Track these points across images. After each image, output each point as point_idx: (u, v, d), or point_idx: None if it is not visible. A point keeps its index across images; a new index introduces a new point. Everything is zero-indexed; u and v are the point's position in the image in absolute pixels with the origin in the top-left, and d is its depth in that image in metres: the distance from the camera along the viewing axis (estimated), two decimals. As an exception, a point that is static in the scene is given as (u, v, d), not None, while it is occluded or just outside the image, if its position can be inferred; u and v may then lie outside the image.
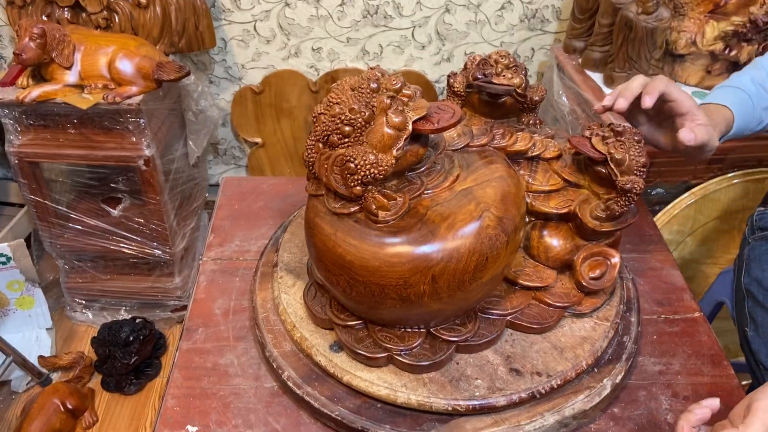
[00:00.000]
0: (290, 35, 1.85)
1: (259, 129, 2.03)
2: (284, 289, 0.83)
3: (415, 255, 0.63)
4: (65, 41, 1.45)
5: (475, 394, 0.70)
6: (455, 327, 0.73)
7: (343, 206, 0.66)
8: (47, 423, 1.51)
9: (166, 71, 1.49)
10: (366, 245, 0.64)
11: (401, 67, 1.92)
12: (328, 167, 0.65)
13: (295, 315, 0.79)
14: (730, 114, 0.85)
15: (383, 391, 0.70)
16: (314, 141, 0.66)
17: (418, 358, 0.71)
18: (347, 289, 0.67)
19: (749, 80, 0.90)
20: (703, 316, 0.87)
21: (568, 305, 0.78)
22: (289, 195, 1.09)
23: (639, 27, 1.43)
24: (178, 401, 0.75)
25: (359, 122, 0.62)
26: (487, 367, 0.73)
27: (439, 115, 0.66)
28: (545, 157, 0.80)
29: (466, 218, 0.65)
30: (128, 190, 1.81)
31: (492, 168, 0.72)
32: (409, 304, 0.66)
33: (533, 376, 0.72)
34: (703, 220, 1.50)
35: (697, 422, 0.64)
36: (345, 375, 0.72)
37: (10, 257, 1.63)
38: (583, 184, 0.79)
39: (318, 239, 0.68)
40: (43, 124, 1.52)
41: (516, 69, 0.80)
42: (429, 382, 0.71)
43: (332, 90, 0.65)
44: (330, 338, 0.76)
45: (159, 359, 1.80)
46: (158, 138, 1.58)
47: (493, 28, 1.85)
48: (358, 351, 0.72)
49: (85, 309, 1.88)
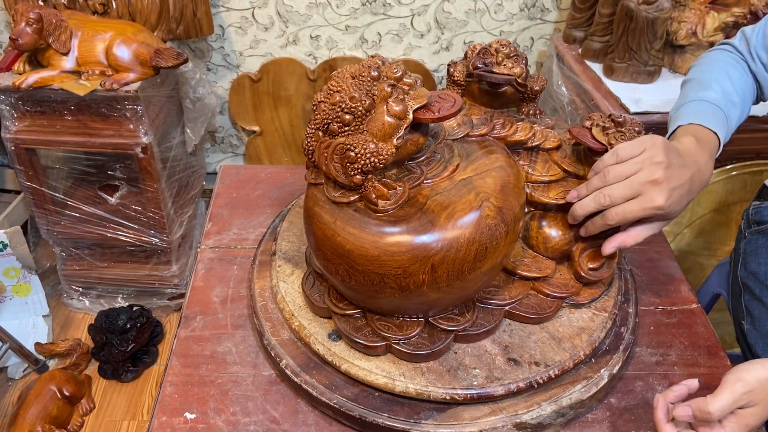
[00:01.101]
0: (288, 23, 1.84)
1: (257, 117, 2.02)
2: (282, 277, 0.83)
3: (415, 244, 0.63)
4: (62, 26, 1.44)
5: (473, 383, 0.70)
6: (454, 317, 0.74)
7: (343, 195, 0.66)
8: (44, 410, 1.51)
9: (163, 58, 1.48)
10: (365, 234, 0.64)
11: (400, 55, 1.92)
12: (328, 156, 0.65)
13: (293, 304, 0.79)
14: (716, 138, 0.82)
15: (381, 380, 0.70)
16: (314, 129, 0.66)
17: (417, 347, 0.71)
18: (346, 278, 0.67)
19: (722, 94, 0.88)
20: (700, 308, 0.87)
21: (567, 296, 0.78)
22: (287, 183, 1.08)
23: (640, 17, 1.43)
24: (176, 389, 0.75)
25: (360, 110, 0.62)
26: (485, 356, 0.73)
27: (440, 104, 0.65)
28: (545, 147, 0.80)
29: (465, 208, 0.65)
30: (125, 178, 1.81)
31: (492, 158, 0.71)
32: (408, 293, 0.66)
33: (531, 366, 0.72)
34: (701, 211, 1.50)
35: (674, 398, 0.66)
36: (343, 364, 0.72)
37: (6, 244, 1.62)
38: (582, 174, 0.79)
39: (317, 228, 0.67)
40: (39, 111, 1.51)
41: (516, 58, 0.80)
42: (427, 371, 0.71)
43: (332, 78, 0.65)
44: (328, 327, 0.76)
45: (156, 347, 1.80)
46: (156, 125, 1.58)
47: (492, 17, 1.84)
48: (356, 340, 0.72)
49: (82, 296, 1.88)
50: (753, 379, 0.63)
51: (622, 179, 0.71)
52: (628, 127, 0.75)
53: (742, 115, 0.92)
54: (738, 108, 0.89)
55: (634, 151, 0.72)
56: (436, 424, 0.69)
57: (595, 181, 0.73)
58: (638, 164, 0.71)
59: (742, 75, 0.93)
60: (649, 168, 0.70)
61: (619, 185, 0.71)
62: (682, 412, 0.64)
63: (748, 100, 0.93)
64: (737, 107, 0.89)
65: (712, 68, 0.93)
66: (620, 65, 1.51)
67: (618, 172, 0.71)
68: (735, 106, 0.89)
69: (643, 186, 0.70)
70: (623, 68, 1.51)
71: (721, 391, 0.62)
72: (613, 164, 0.72)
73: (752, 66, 0.94)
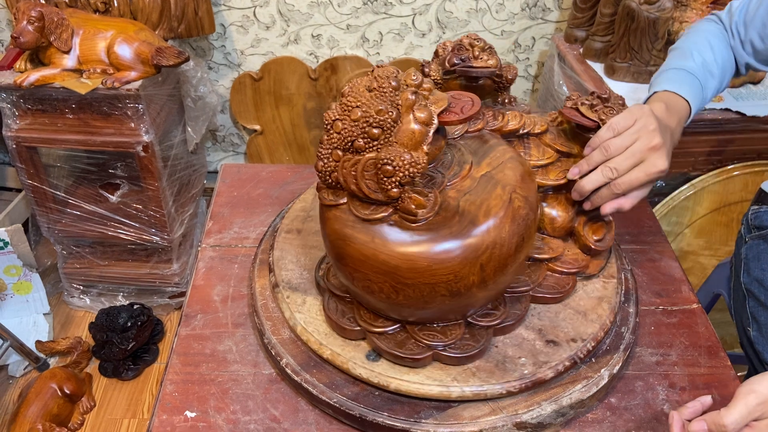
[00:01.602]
0: (290, 22, 1.84)
1: (258, 116, 2.02)
2: (295, 308, 0.79)
3: (464, 247, 0.63)
4: (63, 25, 1.44)
5: (524, 372, 0.71)
6: (489, 312, 0.74)
7: (375, 211, 0.65)
8: (44, 408, 1.51)
9: (165, 56, 1.48)
10: (411, 247, 0.63)
11: (401, 55, 1.91)
12: (357, 173, 0.63)
13: (318, 333, 0.75)
14: (687, 106, 0.86)
15: (436, 390, 0.69)
16: (330, 149, 0.64)
17: (465, 350, 0.71)
18: (392, 294, 0.65)
19: (701, 64, 0.91)
20: (701, 308, 0.87)
21: (579, 270, 0.81)
22: (288, 182, 1.08)
23: (641, 17, 1.43)
24: (176, 387, 0.75)
25: (389, 123, 0.61)
26: (525, 344, 0.74)
27: (459, 104, 0.65)
28: (534, 132, 0.82)
29: (498, 203, 0.66)
30: (126, 176, 1.81)
31: (499, 150, 0.73)
32: (459, 297, 0.66)
33: (569, 344, 0.74)
34: (702, 211, 1.50)
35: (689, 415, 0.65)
36: (392, 382, 0.70)
37: (7, 242, 1.62)
38: (576, 152, 0.82)
39: (353, 250, 0.65)
40: (41, 109, 1.51)
41: (490, 50, 0.82)
42: (477, 371, 0.71)
43: (346, 94, 0.63)
44: (363, 348, 0.73)
45: (156, 345, 1.81)
46: (157, 124, 1.58)
47: (494, 17, 1.84)
48: (402, 355, 0.70)
49: (83, 294, 1.88)
50: (766, 390, 0.63)
51: (624, 150, 0.75)
52: (613, 101, 0.79)
53: (721, 86, 0.95)
54: (716, 79, 0.93)
55: (627, 123, 0.75)
56: (437, 423, 0.69)
57: (596, 155, 0.76)
58: (635, 134, 0.75)
59: (725, 47, 0.95)
60: (647, 136, 0.75)
61: (622, 156, 0.75)
62: (698, 428, 0.63)
63: (728, 72, 0.96)
64: (715, 78, 0.92)
65: (696, 38, 0.96)
66: (621, 65, 1.51)
67: (618, 145, 0.75)
68: (713, 77, 0.92)
69: (644, 153, 0.75)
70: (624, 68, 1.51)
71: (735, 404, 0.62)
72: (611, 138, 0.75)
73: (731, 41, 0.96)
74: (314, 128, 2.04)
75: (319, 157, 0.65)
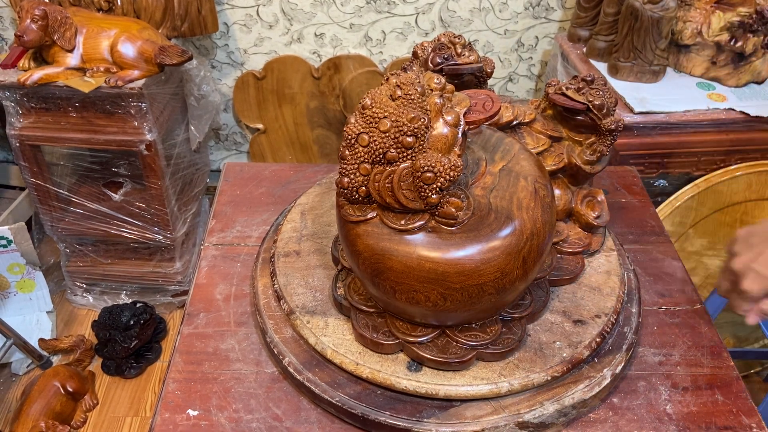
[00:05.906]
0: (293, 20, 1.84)
1: (261, 115, 2.02)
2: (320, 332, 0.75)
3: (507, 242, 0.63)
4: (67, 23, 1.44)
5: (563, 355, 0.72)
6: (519, 303, 0.75)
7: (411, 220, 0.63)
8: (47, 405, 1.51)
9: (168, 55, 1.48)
10: (457, 251, 0.62)
11: (404, 54, 1.91)
12: (393, 184, 0.61)
13: (352, 353, 0.73)
14: None
15: (485, 389, 0.69)
16: (356, 164, 0.62)
17: (507, 344, 0.71)
18: (439, 300, 0.65)
19: None
20: (704, 308, 0.87)
21: (584, 249, 0.84)
22: (291, 181, 1.08)
23: (645, 16, 1.42)
24: (179, 385, 0.75)
25: (422, 129, 0.60)
26: (555, 328, 0.76)
27: (479, 102, 0.65)
28: (524, 121, 0.83)
29: (526, 194, 0.66)
30: (129, 175, 1.81)
31: (507, 143, 0.73)
32: (504, 293, 0.66)
33: (595, 320, 0.77)
34: (706, 212, 1.50)
35: None
36: (440, 389, 0.69)
37: (11, 240, 1.63)
38: (563, 135, 0.84)
39: (396, 263, 0.64)
40: (44, 107, 1.51)
41: (470, 46, 0.83)
42: (519, 363, 0.71)
43: (369, 107, 0.61)
44: (400, 361, 0.72)
45: (159, 343, 1.81)
46: (160, 123, 1.58)
47: (497, 16, 1.83)
48: (448, 360, 0.69)
49: (86, 293, 1.89)
50: None
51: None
52: (597, 83, 0.81)
53: None
54: None
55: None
56: (438, 422, 0.69)
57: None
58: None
59: None
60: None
61: None
62: None
63: None
64: None
65: None
66: (625, 64, 1.50)
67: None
68: None
69: None
70: (628, 67, 1.50)
71: None
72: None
73: None
74: (317, 127, 2.04)
75: (344, 173, 0.63)
